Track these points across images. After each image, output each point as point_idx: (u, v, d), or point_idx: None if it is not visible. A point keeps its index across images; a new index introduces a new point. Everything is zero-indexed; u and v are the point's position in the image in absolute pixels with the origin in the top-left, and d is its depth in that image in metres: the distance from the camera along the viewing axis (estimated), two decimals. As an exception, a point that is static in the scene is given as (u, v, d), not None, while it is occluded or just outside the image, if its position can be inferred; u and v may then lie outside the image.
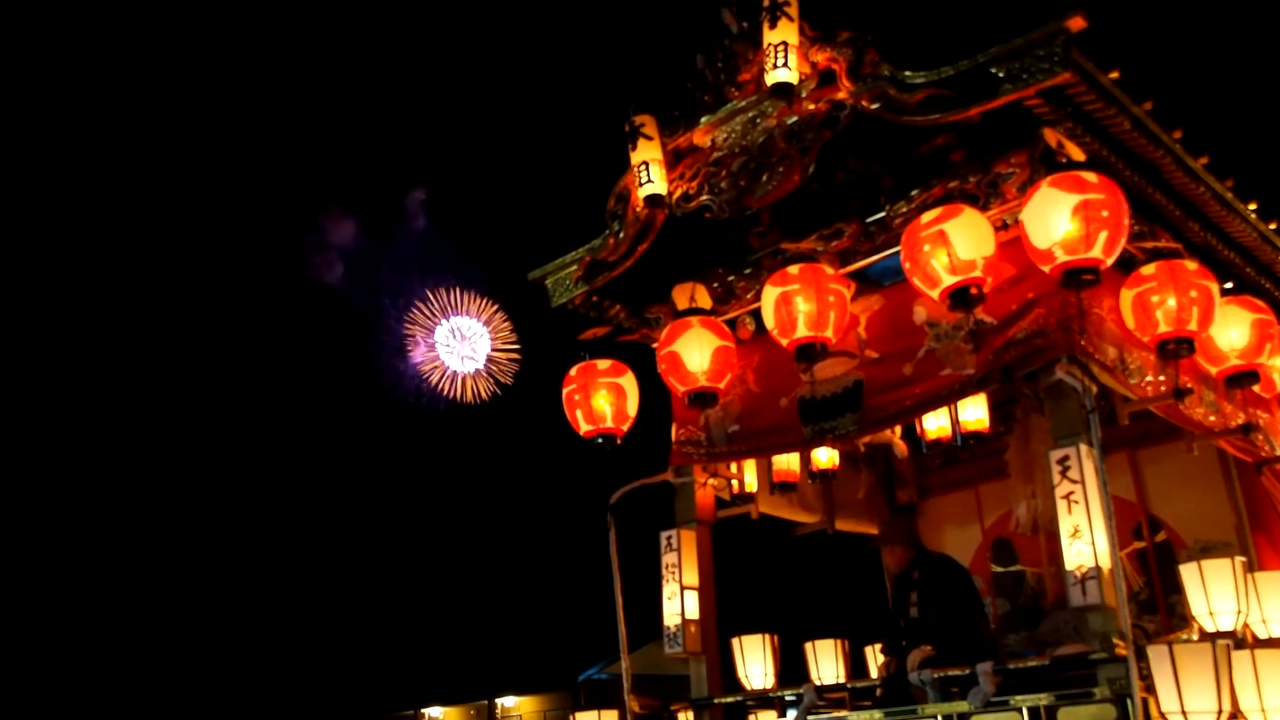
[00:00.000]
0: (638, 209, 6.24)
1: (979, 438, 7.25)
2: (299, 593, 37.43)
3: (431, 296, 30.15)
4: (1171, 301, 5.22)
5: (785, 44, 5.50)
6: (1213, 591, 5.37)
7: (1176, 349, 5.27)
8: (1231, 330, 5.86)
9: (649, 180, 6.09)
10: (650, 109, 6.17)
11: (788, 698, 6.21)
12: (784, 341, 5.67)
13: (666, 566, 6.56)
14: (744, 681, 6.69)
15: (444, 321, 30.01)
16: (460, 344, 30.03)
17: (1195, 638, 5.26)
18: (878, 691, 6.06)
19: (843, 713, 5.76)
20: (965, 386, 5.60)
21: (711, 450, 6.55)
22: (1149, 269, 5.32)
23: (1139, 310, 5.31)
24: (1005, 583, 7.66)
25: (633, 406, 6.33)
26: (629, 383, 6.33)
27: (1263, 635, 5.50)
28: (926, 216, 5.17)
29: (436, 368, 30.20)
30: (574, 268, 6.67)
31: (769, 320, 5.71)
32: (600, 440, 6.29)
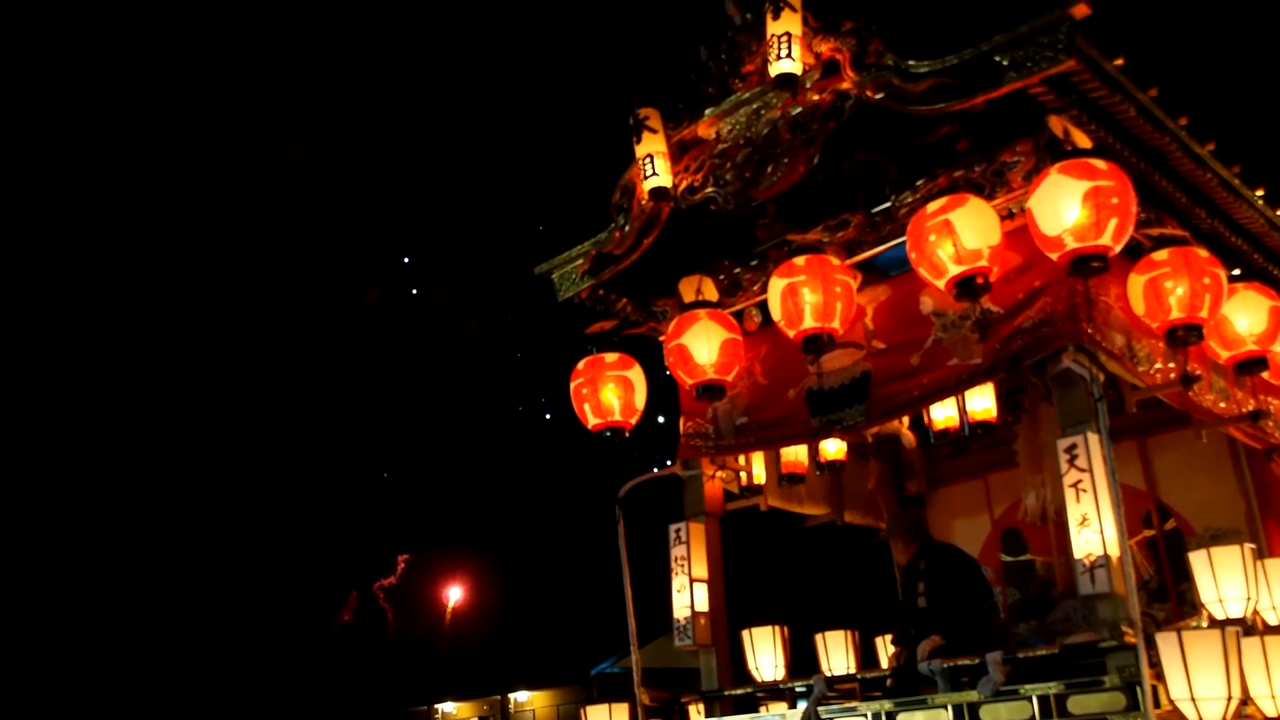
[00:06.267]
0: (643, 202, 6.24)
1: (987, 427, 7.25)
2: (310, 591, 37.58)
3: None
4: (1184, 288, 5.17)
5: (789, 35, 5.50)
6: (1222, 579, 5.37)
7: (1185, 336, 5.23)
8: (1249, 316, 5.83)
9: (654, 173, 6.09)
10: (654, 102, 6.17)
11: (798, 689, 6.22)
12: (791, 333, 5.67)
13: (675, 559, 6.56)
14: (754, 673, 6.69)
15: None
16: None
17: (1205, 625, 5.26)
18: (888, 682, 6.07)
19: (853, 703, 5.77)
20: (973, 376, 5.59)
21: (719, 443, 6.55)
22: (1161, 255, 5.27)
23: (1150, 296, 5.27)
24: (1015, 572, 7.66)
25: (641, 399, 6.31)
26: (637, 376, 6.30)
27: (1272, 622, 5.50)
28: (932, 206, 5.16)
29: None
30: (580, 261, 6.67)
31: (776, 312, 5.71)
32: (608, 433, 6.27)
